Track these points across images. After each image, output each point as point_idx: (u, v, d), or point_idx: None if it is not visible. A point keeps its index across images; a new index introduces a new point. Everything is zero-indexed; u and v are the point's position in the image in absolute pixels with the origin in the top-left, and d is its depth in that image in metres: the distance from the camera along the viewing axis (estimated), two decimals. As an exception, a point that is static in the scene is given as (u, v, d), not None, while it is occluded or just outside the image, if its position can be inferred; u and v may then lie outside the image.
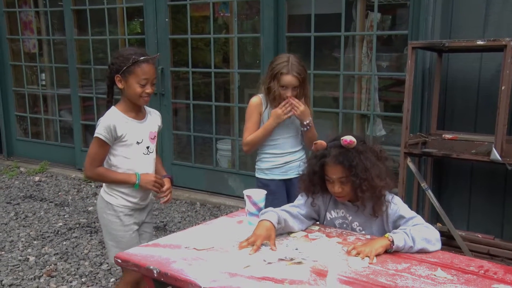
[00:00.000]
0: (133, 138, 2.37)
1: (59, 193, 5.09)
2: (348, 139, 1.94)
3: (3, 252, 3.66)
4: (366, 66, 4.36)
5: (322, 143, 2.02)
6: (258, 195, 2.17)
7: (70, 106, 5.84)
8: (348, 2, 4.23)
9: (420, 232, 1.87)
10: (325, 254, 1.82)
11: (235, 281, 1.61)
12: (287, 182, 2.81)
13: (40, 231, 4.08)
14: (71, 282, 3.20)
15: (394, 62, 4.67)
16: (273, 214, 1.97)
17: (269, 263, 1.74)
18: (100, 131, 2.30)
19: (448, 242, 3.12)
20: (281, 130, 2.76)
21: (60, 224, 4.23)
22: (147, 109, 2.49)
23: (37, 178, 5.57)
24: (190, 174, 5.00)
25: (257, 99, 2.78)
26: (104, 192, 2.43)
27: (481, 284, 1.61)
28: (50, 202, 4.81)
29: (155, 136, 2.48)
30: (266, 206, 2.55)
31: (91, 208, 4.58)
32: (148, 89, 2.31)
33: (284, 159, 2.79)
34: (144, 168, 2.42)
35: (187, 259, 1.78)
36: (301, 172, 2.19)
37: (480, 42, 2.93)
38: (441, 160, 3.49)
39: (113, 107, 2.38)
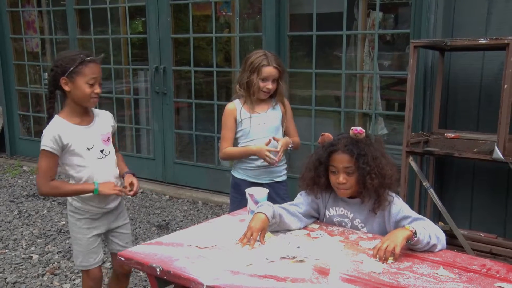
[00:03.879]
0: (81, 145, 2.30)
1: (62, 192, 5.10)
2: (358, 128, 1.96)
3: (6, 250, 3.68)
4: (368, 65, 4.36)
5: (329, 135, 2.04)
6: (261, 193, 2.17)
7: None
8: (350, 1, 4.23)
9: (432, 229, 1.86)
10: (327, 252, 1.83)
11: (237, 279, 1.62)
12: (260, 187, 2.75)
13: (43, 229, 4.09)
14: (74, 280, 3.22)
15: (396, 61, 4.67)
16: (268, 208, 1.97)
17: (271, 261, 1.74)
18: (46, 143, 2.23)
19: (451, 241, 3.11)
20: (259, 130, 2.72)
21: (63, 222, 4.24)
22: (95, 111, 2.42)
23: (40, 177, 5.59)
24: (192, 173, 5.00)
25: (231, 105, 2.76)
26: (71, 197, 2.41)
27: (483, 282, 1.61)
28: (53, 200, 4.82)
29: (109, 138, 2.42)
30: (236, 208, 2.54)
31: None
32: (97, 89, 2.27)
33: (256, 163, 2.73)
34: (103, 172, 2.37)
35: (189, 257, 1.78)
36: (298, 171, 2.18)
37: (482, 41, 2.92)
38: (443, 159, 3.49)
39: (56, 116, 2.30)
